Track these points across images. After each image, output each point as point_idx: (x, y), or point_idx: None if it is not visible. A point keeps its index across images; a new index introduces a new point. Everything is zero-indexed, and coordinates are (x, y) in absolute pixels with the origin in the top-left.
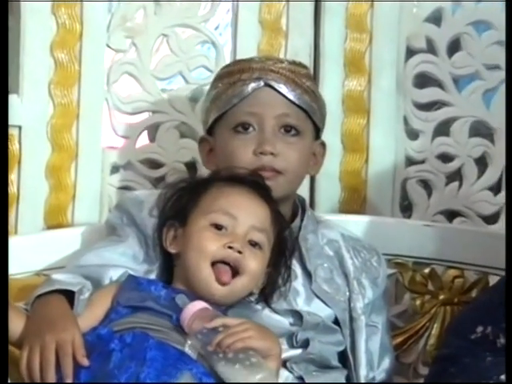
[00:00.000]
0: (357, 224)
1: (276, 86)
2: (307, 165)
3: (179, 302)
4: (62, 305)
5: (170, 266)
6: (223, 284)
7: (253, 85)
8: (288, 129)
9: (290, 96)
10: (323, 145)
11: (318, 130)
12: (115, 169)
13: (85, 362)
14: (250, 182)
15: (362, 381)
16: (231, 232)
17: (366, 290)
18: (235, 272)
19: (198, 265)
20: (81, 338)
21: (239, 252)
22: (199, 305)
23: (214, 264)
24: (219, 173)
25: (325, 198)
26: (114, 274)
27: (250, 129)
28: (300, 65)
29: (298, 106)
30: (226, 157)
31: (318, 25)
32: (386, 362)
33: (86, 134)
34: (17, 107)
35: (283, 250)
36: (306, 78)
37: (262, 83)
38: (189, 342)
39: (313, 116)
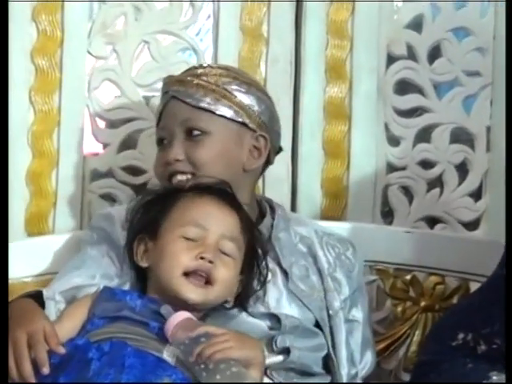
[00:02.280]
0: (338, 230)
1: (178, 94)
2: (231, 160)
3: (164, 312)
4: (29, 303)
5: (142, 279)
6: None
7: (163, 100)
8: (191, 131)
9: (190, 100)
10: (263, 137)
11: (244, 125)
12: (96, 176)
13: (60, 349)
14: (217, 190)
15: (344, 378)
16: (202, 242)
17: (342, 285)
18: (207, 281)
19: (170, 276)
20: (52, 327)
21: (210, 262)
22: (183, 315)
23: (186, 274)
24: (186, 185)
25: (306, 204)
26: (89, 292)
27: (165, 141)
28: (216, 66)
29: (200, 107)
30: None
31: (298, 31)
32: (369, 356)
33: (66, 141)
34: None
35: (255, 256)
36: (218, 76)
37: (169, 96)
38: (167, 348)
39: (220, 113)
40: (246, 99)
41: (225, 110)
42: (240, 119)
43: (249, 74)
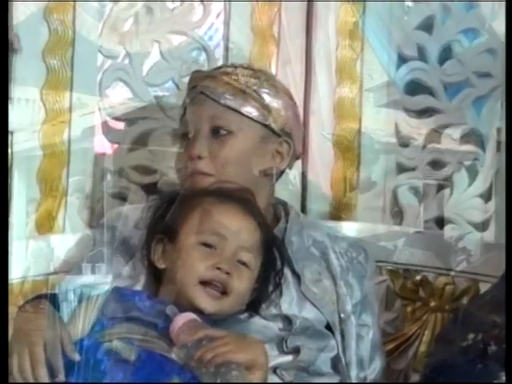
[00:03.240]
0: (348, 231)
1: (207, 91)
2: (253, 163)
3: (169, 313)
4: (45, 306)
5: (156, 279)
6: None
7: (191, 94)
8: (217, 130)
9: (219, 98)
10: (287, 142)
11: (269, 128)
12: (107, 175)
13: (75, 356)
14: (239, 198)
15: (353, 380)
16: (220, 252)
17: (354, 290)
18: (223, 292)
19: (186, 283)
20: (68, 333)
21: (227, 273)
22: (188, 316)
23: (202, 283)
24: (209, 188)
25: (316, 205)
26: (101, 291)
27: (190, 135)
28: (246, 67)
29: (229, 106)
30: None
31: (309, 32)
32: (378, 361)
33: (77, 140)
34: (8, 112)
35: (272, 264)
36: (247, 77)
37: (197, 91)
38: (174, 349)
39: (248, 114)
40: (274, 103)
41: (253, 112)
42: (266, 122)
43: (277, 78)
